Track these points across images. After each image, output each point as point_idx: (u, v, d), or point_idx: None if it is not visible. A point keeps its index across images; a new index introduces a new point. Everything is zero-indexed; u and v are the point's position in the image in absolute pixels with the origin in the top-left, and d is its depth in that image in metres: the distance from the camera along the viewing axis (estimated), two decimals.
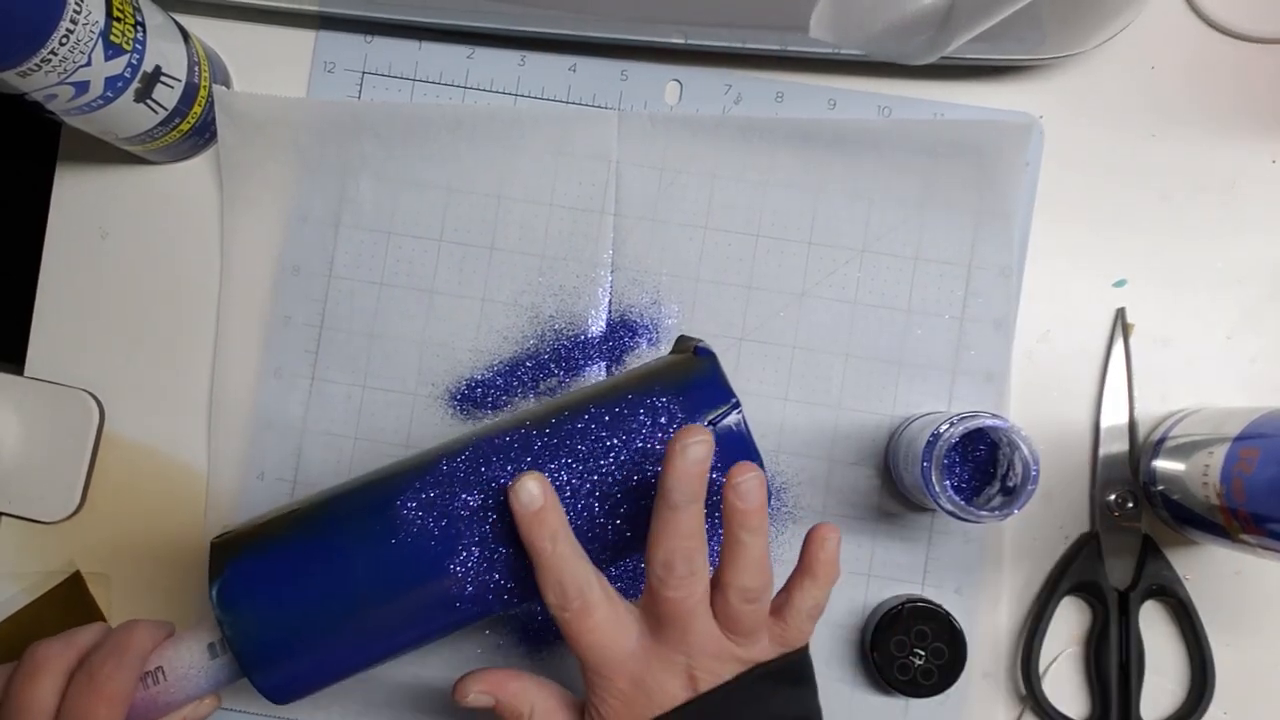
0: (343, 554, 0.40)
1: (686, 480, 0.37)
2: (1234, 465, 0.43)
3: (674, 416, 0.40)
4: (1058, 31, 0.48)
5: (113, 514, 0.53)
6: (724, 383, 0.41)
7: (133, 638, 0.39)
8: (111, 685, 0.37)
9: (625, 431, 0.40)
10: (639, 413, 0.41)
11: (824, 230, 0.52)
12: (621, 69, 0.53)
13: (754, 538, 0.37)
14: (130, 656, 0.38)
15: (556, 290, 0.53)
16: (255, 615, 0.39)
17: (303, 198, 0.53)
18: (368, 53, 0.54)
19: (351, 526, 0.40)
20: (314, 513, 0.41)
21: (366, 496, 0.41)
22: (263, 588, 0.39)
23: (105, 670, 0.37)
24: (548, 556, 0.37)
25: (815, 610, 0.40)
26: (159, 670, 0.39)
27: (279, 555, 0.40)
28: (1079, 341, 0.52)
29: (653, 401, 0.41)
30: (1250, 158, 0.53)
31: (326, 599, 0.39)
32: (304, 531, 0.41)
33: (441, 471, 0.40)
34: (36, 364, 0.53)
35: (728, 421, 0.40)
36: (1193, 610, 0.50)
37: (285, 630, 0.39)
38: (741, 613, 0.38)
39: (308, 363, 0.53)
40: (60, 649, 0.39)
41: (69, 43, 0.40)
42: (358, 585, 0.39)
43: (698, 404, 0.41)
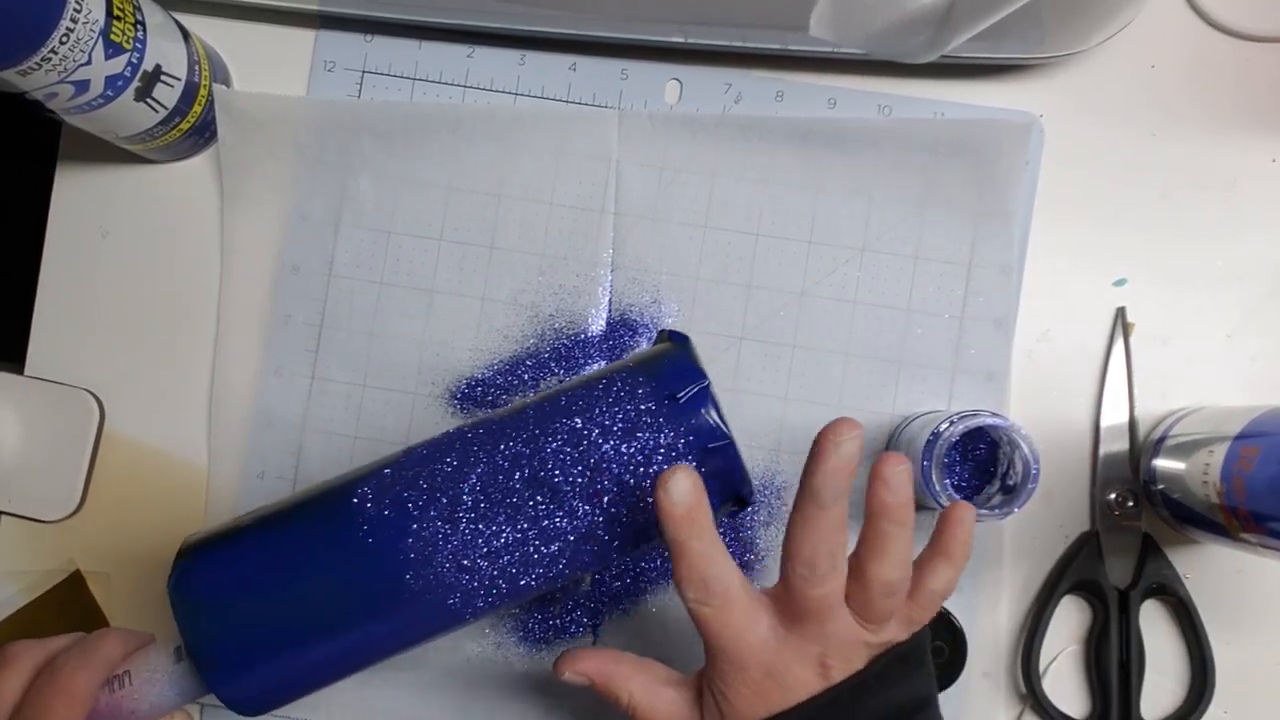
0: (294, 547, 0.39)
1: (835, 477, 0.36)
2: (1234, 464, 0.43)
3: (648, 396, 0.40)
4: (1058, 30, 0.48)
5: (113, 513, 0.53)
6: (694, 362, 0.41)
7: (102, 643, 0.39)
8: (72, 682, 0.37)
9: (592, 411, 0.40)
10: (610, 391, 0.40)
11: (824, 229, 0.52)
12: (621, 68, 0.53)
13: (900, 530, 0.37)
14: (96, 658, 0.38)
15: (556, 289, 0.53)
16: (206, 610, 0.38)
17: (303, 196, 0.53)
18: (368, 52, 0.54)
19: (304, 519, 0.40)
20: (277, 511, 0.41)
21: (324, 491, 0.41)
22: (214, 582, 0.38)
23: (68, 669, 0.37)
24: (695, 555, 0.37)
25: (947, 592, 0.40)
26: (125, 674, 0.39)
27: (233, 550, 0.39)
28: (1079, 340, 0.52)
29: (621, 381, 0.40)
30: (1251, 156, 0.53)
31: (280, 597, 0.38)
32: (258, 527, 0.40)
33: (400, 464, 0.40)
34: (36, 363, 0.53)
35: (695, 398, 0.40)
36: (1193, 609, 0.50)
37: (238, 625, 0.38)
38: (881, 605, 0.38)
39: (308, 362, 0.53)
40: (32, 649, 0.39)
41: (69, 41, 0.40)
42: (311, 579, 0.38)
43: (669, 383, 0.40)
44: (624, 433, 0.39)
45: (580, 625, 0.51)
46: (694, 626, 0.38)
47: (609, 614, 0.51)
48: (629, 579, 0.51)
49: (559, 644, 0.51)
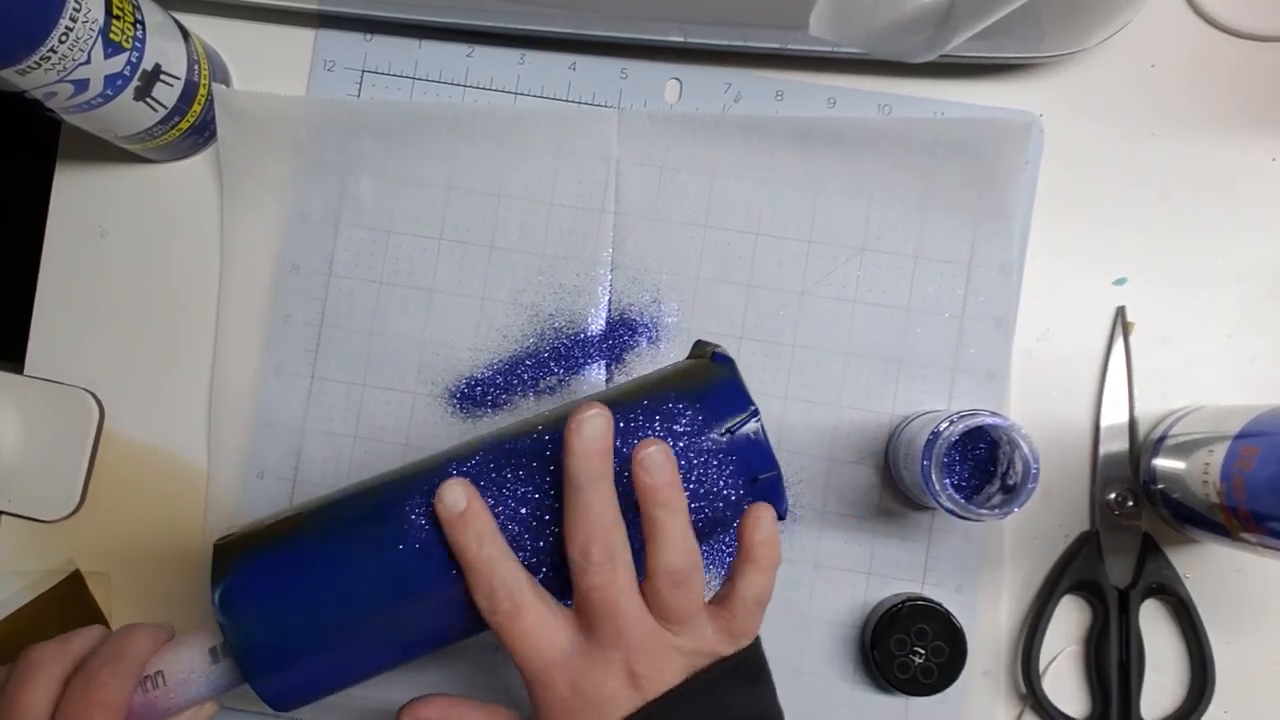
0: (347, 559, 0.39)
1: (587, 460, 0.35)
2: (1234, 463, 0.43)
3: (693, 423, 0.39)
4: (1058, 30, 0.48)
5: (113, 513, 0.52)
6: (743, 389, 0.40)
7: (131, 643, 0.38)
8: (108, 692, 0.36)
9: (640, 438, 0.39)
10: (655, 419, 0.40)
11: (824, 228, 0.52)
12: (621, 67, 0.53)
13: (670, 515, 0.36)
14: (127, 663, 0.37)
15: (556, 289, 0.53)
16: (257, 621, 0.38)
17: (302, 196, 0.53)
18: (367, 51, 0.54)
19: (356, 531, 0.39)
20: (318, 516, 0.40)
21: (372, 500, 0.40)
22: (265, 593, 0.38)
23: (102, 676, 0.36)
24: (473, 558, 0.36)
25: (761, 598, 0.38)
26: (159, 675, 0.39)
27: (282, 560, 0.39)
28: (1079, 340, 0.52)
29: (670, 407, 0.40)
30: (1250, 156, 0.53)
31: (330, 605, 0.38)
32: (308, 536, 0.40)
33: (450, 477, 0.39)
34: (36, 363, 0.53)
35: (746, 429, 0.39)
36: (1193, 609, 0.50)
37: (288, 636, 0.38)
38: (671, 598, 0.36)
39: (308, 361, 0.53)
40: (55, 653, 0.38)
41: (68, 40, 0.40)
42: (362, 591, 0.38)
43: (716, 411, 0.40)
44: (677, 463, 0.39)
45: None
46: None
47: None
48: None
49: None
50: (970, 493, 0.50)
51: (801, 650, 0.51)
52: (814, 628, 0.51)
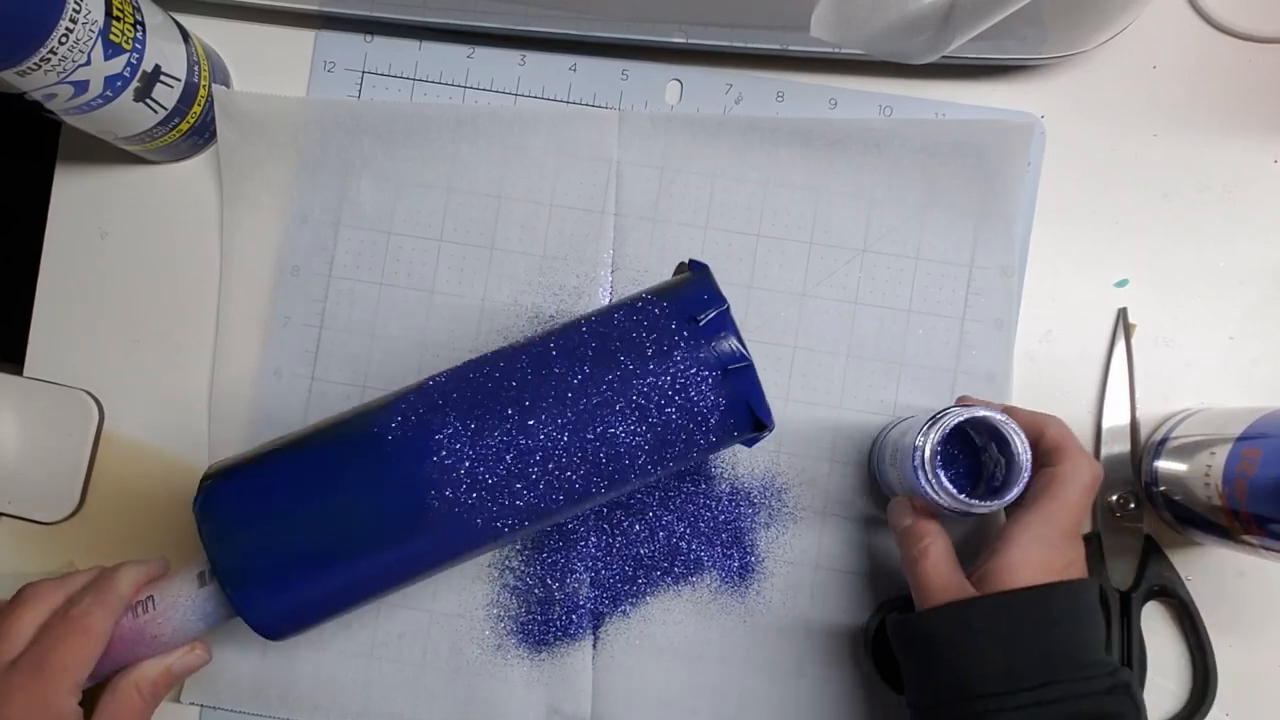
0: (319, 469, 0.40)
1: None
2: (1236, 466, 0.43)
3: (664, 314, 0.40)
4: (1059, 31, 0.48)
5: (112, 514, 0.52)
6: (714, 287, 0.41)
7: (116, 579, 0.40)
8: (88, 619, 0.38)
9: (613, 334, 0.40)
10: (631, 315, 0.41)
11: (825, 230, 0.52)
12: (622, 68, 0.53)
13: None
14: (110, 594, 0.40)
15: (557, 290, 0.52)
16: (234, 529, 0.39)
17: (303, 197, 0.53)
18: (368, 52, 0.54)
19: (328, 443, 0.40)
20: (296, 436, 0.42)
21: (346, 417, 0.41)
22: (241, 501, 0.39)
23: (83, 605, 0.39)
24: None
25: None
26: (149, 599, 0.40)
27: (256, 472, 0.40)
28: (1081, 342, 0.52)
29: (642, 305, 0.41)
30: (1252, 157, 0.53)
31: (305, 515, 0.39)
32: (282, 451, 0.41)
33: (421, 390, 0.41)
34: (36, 364, 0.53)
35: (713, 319, 0.40)
36: (1194, 611, 0.50)
37: (266, 547, 0.39)
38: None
39: (307, 363, 0.52)
40: (51, 587, 0.40)
41: (68, 42, 0.39)
42: (336, 500, 0.39)
43: (688, 304, 0.41)
44: (645, 355, 0.40)
45: (581, 627, 0.51)
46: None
47: (609, 615, 0.51)
48: (630, 581, 0.51)
49: (560, 645, 0.51)
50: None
51: (802, 651, 0.51)
52: (815, 629, 0.51)
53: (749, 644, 0.51)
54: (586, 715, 0.51)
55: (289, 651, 0.51)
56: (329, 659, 0.51)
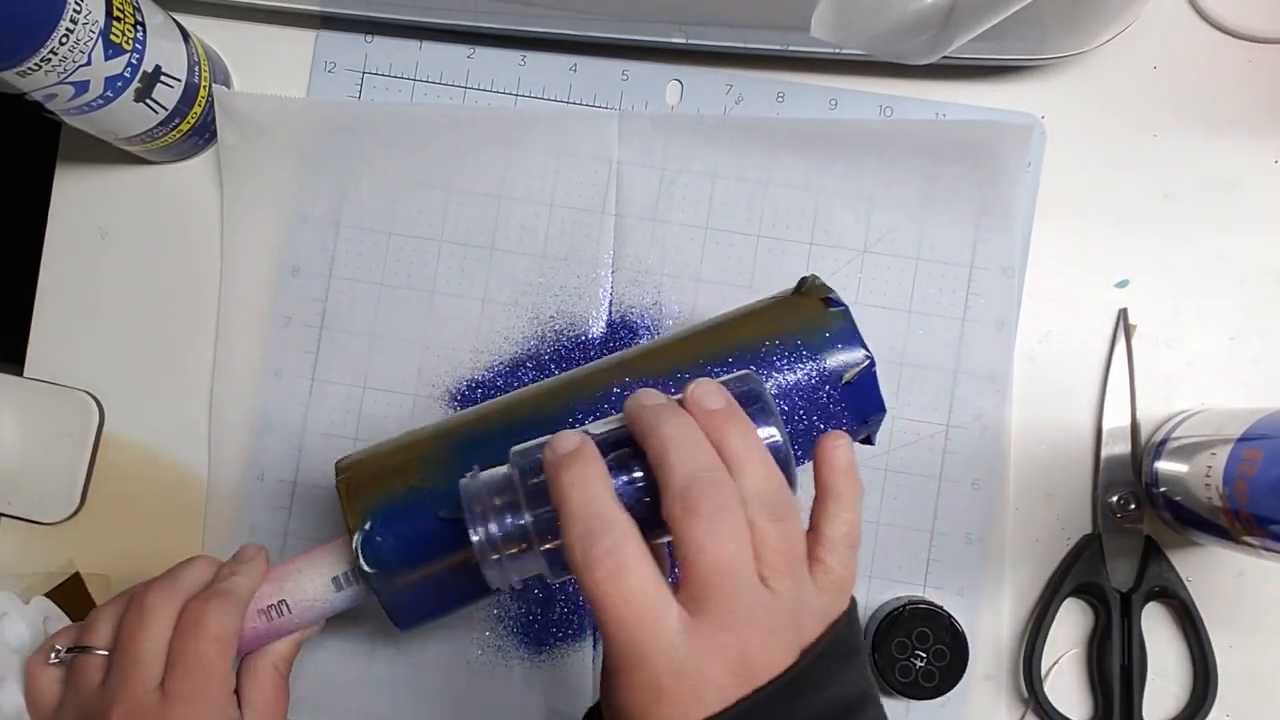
0: None
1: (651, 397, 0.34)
2: (1236, 466, 0.43)
3: (816, 370, 0.42)
4: (1059, 31, 0.48)
5: (112, 515, 0.52)
6: (859, 337, 0.43)
7: (233, 585, 0.40)
8: (218, 627, 0.38)
9: (770, 376, 0.42)
10: (777, 360, 0.42)
11: (825, 231, 0.52)
12: (622, 69, 0.53)
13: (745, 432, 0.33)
14: (232, 600, 0.39)
15: (557, 291, 0.52)
16: (397, 567, 0.40)
17: (303, 198, 0.53)
18: (368, 52, 0.54)
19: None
20: (445, 461, 0.42)
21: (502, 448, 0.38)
22: (401, 542, 0.40)
23: (209, 614, 0.39)
24: (574, 500, 0.31)
25: (851, 537, 0.34)
26: (283, 604, 0.41)
27: (415, 509, 0.41)
28: (1081, 342, 0.52)
29: (794, 353, 0.42)
30: (1253, 158, 0.53)
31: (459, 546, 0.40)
32: (439, 483, 0.41)
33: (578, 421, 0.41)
34: (36, 364, 0.53)
35: (864, 374, 0.42)
36: (1195, 612, 0.50)
37: (420, 576, 0.41)
38: (770, 534, 0.31)
39: (308, 363, 0.52)
40: (167, 594, 0.40)
41: (69, 42, 0.39)
42: None
43: (839, 362, 0.42)
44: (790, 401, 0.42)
45: (581, 627, 0.51)
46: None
47: None
48: None
49: (560, 645, 0.51)
50: None
51: None
52: None
53: None
54: None
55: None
56: (329, 659, 0.51)
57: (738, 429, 0.33)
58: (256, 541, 0.47)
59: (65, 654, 0.40)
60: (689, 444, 0.32)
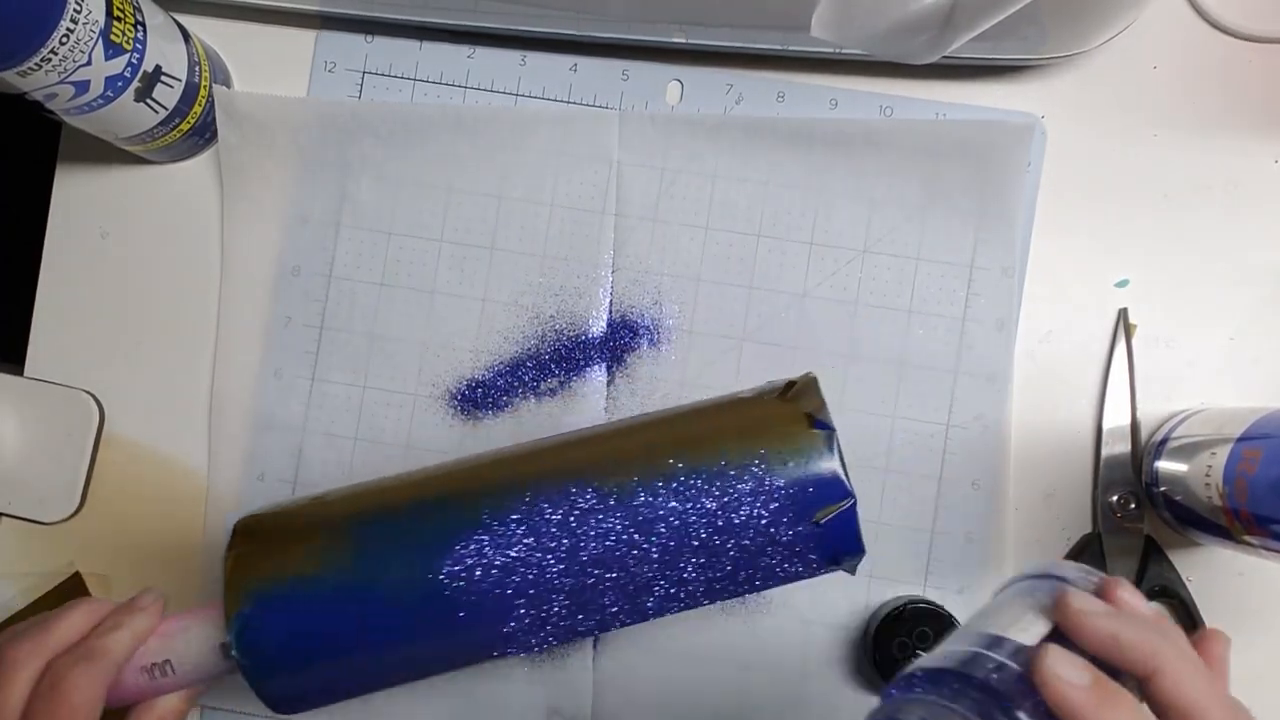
0: (376, 612, 0.37)
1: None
2: (1237, 466, 0.43)
3: (785, 506, 0.37)
4: (1060, 31, 0.48)
5: (113, 515, 0.52)
6: (843, 475, 0.38)
7: (108, 645, 0.37)
8: (77, 694, 0.35)
9: (724, 504, 0.37)
10: (742, 485, 0.37)
11: (825, 230, 0.52)
12: (623, 69, 0.53)
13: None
14: (102, 664, 0.37)
15: (557, 290, 0.52)
16: (276, 659, 0.38)
17: (303, 198, 0.53)
18: (368, 52, 0.54)
19: (387, 580, 0.37)
20: (343, 548, 0.38)
21: (404, 544, 0.38)
22: (285, 633, 0.37)
23: (71, 679, 0.36)
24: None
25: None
26: (167, 664, 0.39)
27: (304, 600, 0.37)
28: (1081, 342, 0.52)
29: (761, 481, 0.37)
30: (1252, 157, 0.53)
31: (352, 647, 0.38)
32: (332, 574, 0.38)
33: (494, 532, 0.37)
34: (36, 364, 0.53)
35: (842, 516, 0.37)
36: (1195, 612, 0.50)
37: (307, 674, 0.38)
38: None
39: (308, 363, 0.52)
40: (32, 649, 0.37)
41: (69, 42, 0.39)
42: (388, 639, 0.38)
43: (813, 497, 0.37)
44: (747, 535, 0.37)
45: None
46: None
47: None
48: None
49: (561, 647, 0.51)
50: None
51: (803, 653, 0.51)
52: (815, 630, 0.51)
53: (749, 644, 0.51)
54: (587, 715, 0.51)
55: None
56: None
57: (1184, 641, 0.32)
58: None
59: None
60: (1210, 685, 0.31)
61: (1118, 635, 0.30)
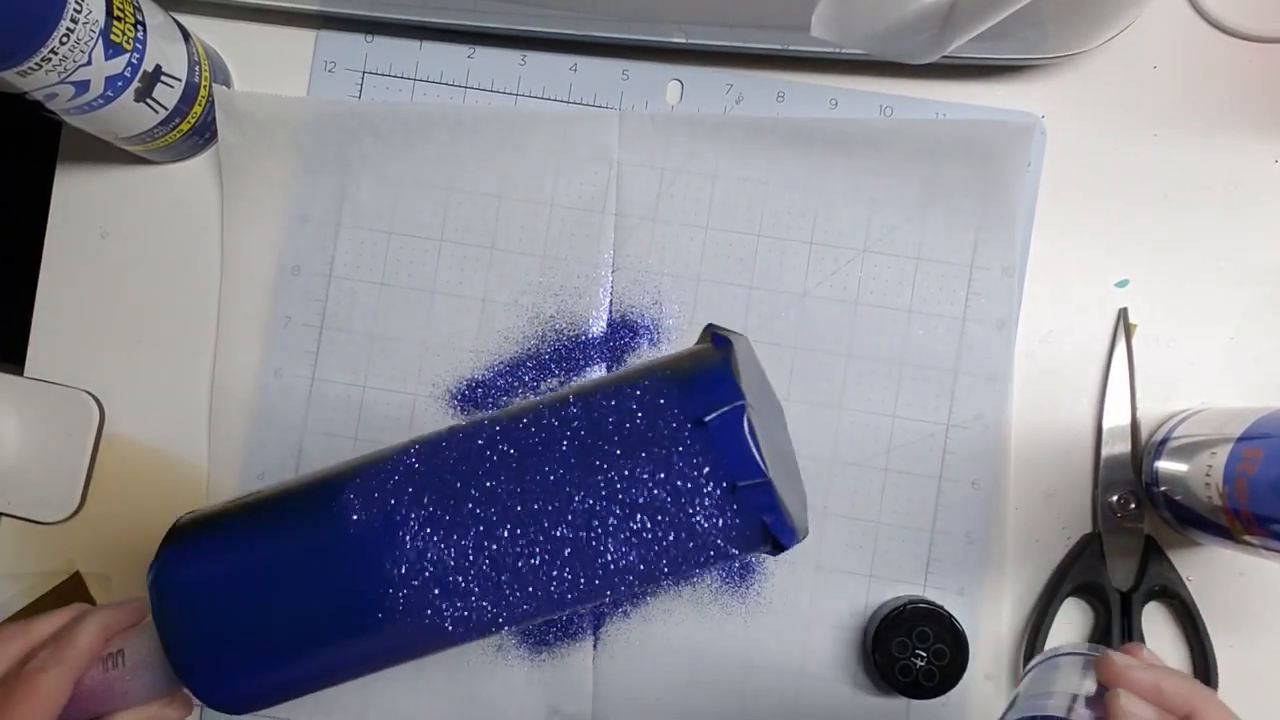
0: (276, 547, 0.36)
1: None
2: (1237, 465, 0.43)
3: (666, 404, 0.34)
4: (1060, 31, 0.48)
5: (113, 514, 0.52)
6: (732, 375, 0.34)
7: (79, 635, 0.38)
8: (43, 678, 0.36)
9: (606, 427, 0.34)
10: (627, 403, 0.34)
11: (825, 230, 0.52)
12: (622, 68, 0.53)
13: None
14: (72, 652, 0.37)
15: (558, 290, 0.52)
16: (183, 606, 0.36)
17: (303, 197, 0.53)
18: (368, 52, 0.54)
19: (289, 517, 0.37)
20: (262, 499, 0.38)
21: (313, 484, 0.37)
22: (192, 577, 0.36)
23: (39, 661, 0.37)
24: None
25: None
26: (120, 653, 0.38)
27: (210, 545, 0.37)
28: (1081, 342, 0.52)
29: (642, 389, 0.34)
30: (1252, 157, 0.53)
31: (259, 597, 0.36)
32: (243, 520, 0.37)
33: (393, 463, 0.36)
34: (37, 364, 0.53)
35: (721, 421, 0.33)
36: (1195, 611, 0.50)
37: (217, 626, 0.36)
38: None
39: (308, 363, 0.52)
40: (12, 634, 0.38)
41: (69, 42, 0.39)
42: (292, 582, 0.36)
43: (695, 396, 0.34)
44: (636, 457, 0.34)
45: (581, 627, 0.51)
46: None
47: (610, 616, 0.51)
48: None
49: (560, 645, 0.51)
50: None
51: (803, 653, 0.51)
52: (815, 630, 0.51)
53: (749, 644, 0.51)
54: (587, 715, 0.51)
55: None
56: None
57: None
58: None
59: None
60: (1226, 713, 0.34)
61: (1159, 683, 0.35)
